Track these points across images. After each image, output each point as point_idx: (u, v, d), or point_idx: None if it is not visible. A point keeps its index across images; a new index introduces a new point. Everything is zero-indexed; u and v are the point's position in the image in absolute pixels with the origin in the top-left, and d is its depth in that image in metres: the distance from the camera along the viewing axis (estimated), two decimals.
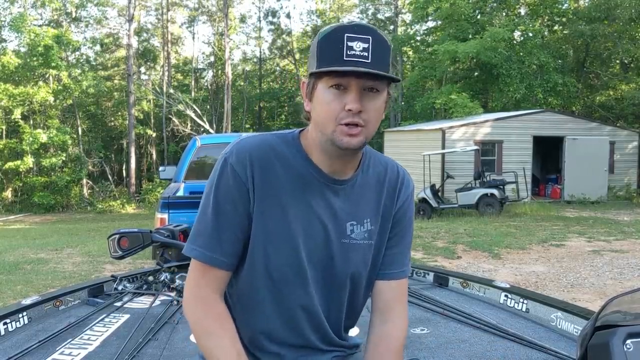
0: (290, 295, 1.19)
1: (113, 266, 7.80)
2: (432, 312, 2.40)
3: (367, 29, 1.08)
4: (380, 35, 1.09)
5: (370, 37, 1.07)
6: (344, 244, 1.20)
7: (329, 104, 1.09)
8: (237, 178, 1.15)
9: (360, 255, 1.22)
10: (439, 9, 23.09)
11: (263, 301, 1.20)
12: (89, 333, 2.16)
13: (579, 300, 5.61)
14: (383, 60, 1.08)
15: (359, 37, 1.06)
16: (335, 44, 1.07)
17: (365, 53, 1.06)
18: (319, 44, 1.10)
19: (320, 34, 1.12)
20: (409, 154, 16.60)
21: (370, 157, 1.25)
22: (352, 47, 1.06)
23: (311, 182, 1.17)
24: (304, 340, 1.23)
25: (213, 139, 8.86)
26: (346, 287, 1.24)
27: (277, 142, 1.19)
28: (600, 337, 0.89)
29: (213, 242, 1.16)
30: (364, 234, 1.22)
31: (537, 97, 22.06)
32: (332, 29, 1.09)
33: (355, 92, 1.08)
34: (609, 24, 22.08)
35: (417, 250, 8.69)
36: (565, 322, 2.06)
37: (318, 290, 1.21)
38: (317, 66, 1.09)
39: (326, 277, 1.21)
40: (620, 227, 11.06)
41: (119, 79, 31.04)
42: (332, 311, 1.25)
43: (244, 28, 35.73)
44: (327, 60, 1.08)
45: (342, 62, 1.06)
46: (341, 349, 1.29)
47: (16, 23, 23.38)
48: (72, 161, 24.70)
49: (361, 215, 1.22)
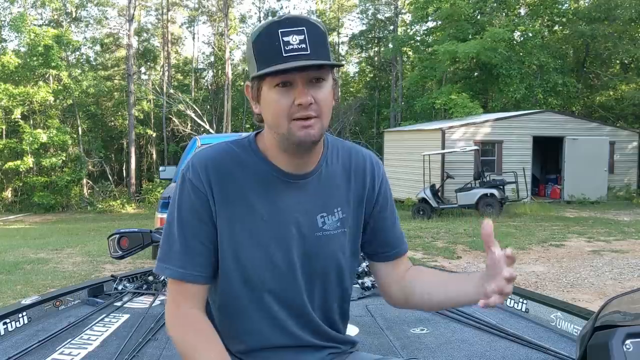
0: (272, 298, 1.18)
1: (113, 266, 7.80)
2: (432, 312, 2.40)
3: (299, 20, 1.06)
4: (313, 23, 1.07)
5: (305, 28, 1.05)
6: (318, 237, 1.20)
7: (278, 103, 1.07)
8: (196, 191, 1.14)
9: (337, 244, 1.22)
10: (439, 9, 23.10)
11: (246, 309, 1.19)
12: (88, 333, 2.16)
13: (579, 301, 5.61)
14: (322, 48, 1.06)
15: (292, 30, 1.04)
16: (270, 42, 1.05)
17: (303, 45, 1.04)
18: (254, 45, 1.08)
19: (252, 35, 1.09)
20: (409, 154, 16.60)
21: (333, 147, 1.24)
22: (288, 42, 1.04)
23: (274, 182, 1.17)
24: (295, 340, 1.22)
25: (213, 139, 8.86)
26: (329, 279, 1.24)
27: (233, 148, 1.19)
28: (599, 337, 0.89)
29: (183, 258, 1.14)
30: (336, 223, 1.21)
31: (537, 97, 22.08)
32: (263, 27, 1.07)
33: (301, 86, 1.06)
34: (609, 24, 22.08)
35: (417, 250, 8.69)
36: (565, 322, 2.06)
37: (301, 287, 1.20)
38: (258, 68, 1.07)
39: (307, 273, 1.20)
40: (620, 228, 11.06)
41: (119, 79, 31.04)
42: (320, 305, 1.24)
43: (244, 28, 35.74)
44: (266, 61, 1.05)
45: (281, 59, 1.03)
46: (337, 345, 1.28)
47: (16, 23, 23.40)
48: (72, 161, 24.71)
49: (331, 205, 1.21)
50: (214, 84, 34.39)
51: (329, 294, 1.25)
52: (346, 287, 1.29)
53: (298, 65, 1.03)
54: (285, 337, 1.21)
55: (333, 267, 1.23)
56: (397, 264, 1.30)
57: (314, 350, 1.25)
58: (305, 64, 1.03)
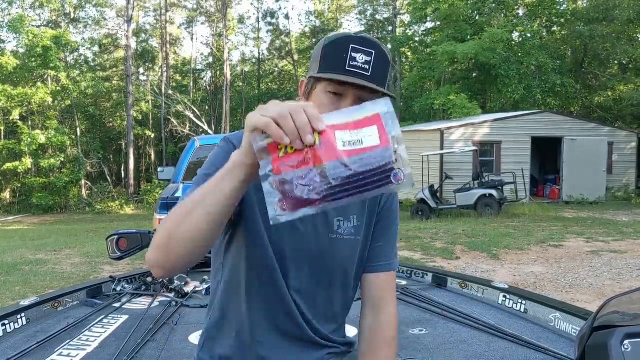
0: (274, 291, 1.20)
1: (112, 267, 7.79)
2: (431, 313, 2.40)
3: (372, 43, 1.12)
4: (383, 50, 1.13)
5: (374, 52, 1.11)
6: (332, 239, 1.22)
7: (324, 107, 1.11)
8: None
9: (348, 250, 1.24)
10: (437, 10, 23.12)
11: (248, 293, 1.20)
12: (87, 334, 2.16)
13: (578, 301, 5.62)
14: (382, 75, 1.12)
15: (362, 50, 1.10)
16: (339, 52, 1.11)
17: (367, 66, 1.10)
18: (323, 48, 1.14)
19: (326, 39, 1.15)
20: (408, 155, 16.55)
21: None
22: (355, 59, 1.10)
23: None
24: (294, 338, 1.23)
25: (212, 139, 8.84)
26: (335, 281, 1.25)
27: None
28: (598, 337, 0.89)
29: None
30: (350, 229, 1.24)
31: (536, 97, 22.10)
32: (338, 37, 1.13)
33: (351, 101, 1.11)
34: (607, 25, 22.12)
35: (415, 250, 8.69)
36: (563, 322, 2.06)
37: (306, 284, 1.22)
38: (319, 70, 1.13)
39: (314, 271, 1.22)
40: (619, 228, 11.07)
41: (117, 79, 31.02)
42: (322, 305, 1.25)
43: (242, 29, 35.76)
44: (329, 67, 1.11)
45: (343, 71, 1.10)
46: (336, 345, 1.30)
47: (14, 24, 23.38)
48: (71, 162, 24.67)
49: (348, 211, 1.24)
50: (213, 84, 34.37)
51: (332, 296, 1.27)
52: (350, 292, 1.31)
53: (354, 82, 1.09)
54: (284, 334, 1.22)
55: (341, 271, 1.25)
56: (367, 278, 1.29)
57: (312, 350, 1.26)
58: (362, 83, 1.09)
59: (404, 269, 3.12)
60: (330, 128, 0.83)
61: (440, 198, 14.56)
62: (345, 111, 0.86)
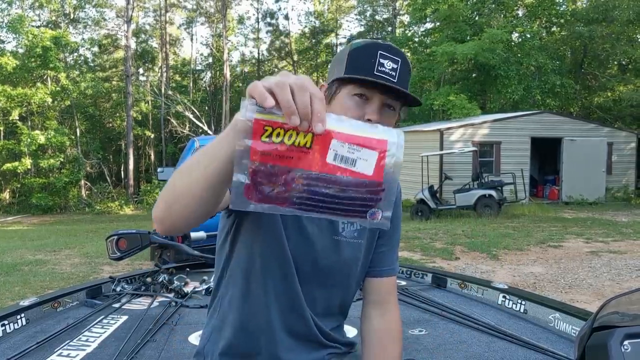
0: (273, 289, 1.19)
1: (111, 267, 7.79)
2: (430, 313, 2.40)
3: (398, 52, 1.15)
4: (408, 60, 1.16)
5: (400, 60, 1.14)
6: (336, 240, 1.23)
7: (350, 110, 1.12)
8: None
9: (351, 253, 1.25)
10: (437, 11, 23.13)
11: (248, 289, 1.20)
12: (87, 334, 2.16)
13: (577, 301, 5.62)
14: (406, 83, 1.16)
15: (390, 57, 1.13)
16: (368, 57, 1.12)
17: (393, 72, 1.12)
18: (350, 53, 1.16)
19: (353, 44, 1.17)
20: (407, 155, 16.58)
21: None
22: (383, 64, 1.12)
23: None
24: (294, 338, 1.23)
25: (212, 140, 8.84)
26: (336, 283, 1.26)
27: None
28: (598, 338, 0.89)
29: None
30: (353, 233, 1.25)
31: (535, 98, 22.11)
32: (367, 43, 1.16)
33: (377, 105, 1.13)
34: (606, 26, 22.13)
35: (415, 251, 8.69)
36: (563, 323, 2.06)
37: (308, 285, 1.22)
38: (346, 72, 1.14)
39: (316, 272, 1.22)
40: (618, 228, 11.08)
41: (117, 80, 31.03)
42: (322, 305, 1.26)
43: (242, 29, 35.79)
44: (356, 70, 1.13)
45: (371, 75, 1.11)
46: (336, 345, 1.30)
47: (14, 24, 23.38)
48: (70, 162, 24.67)
49: None
50: (212, 85, 34.39)
51: (333, 297, 1.27)
52: (350, 293, 1.31)
53: (384, 84, 1.10)
54: (284, 333, 1.22)
55: (343, 274, 1.26)
56: (371, 282, 1.32)
57: (313, 350, 1.26)
58: (392, 85, 1.11)
59: (403, 270, 3.12)
60: (328, 132, 0.75)
61: (440, 198, 14.57)
62: (354, 123, 0.79)
